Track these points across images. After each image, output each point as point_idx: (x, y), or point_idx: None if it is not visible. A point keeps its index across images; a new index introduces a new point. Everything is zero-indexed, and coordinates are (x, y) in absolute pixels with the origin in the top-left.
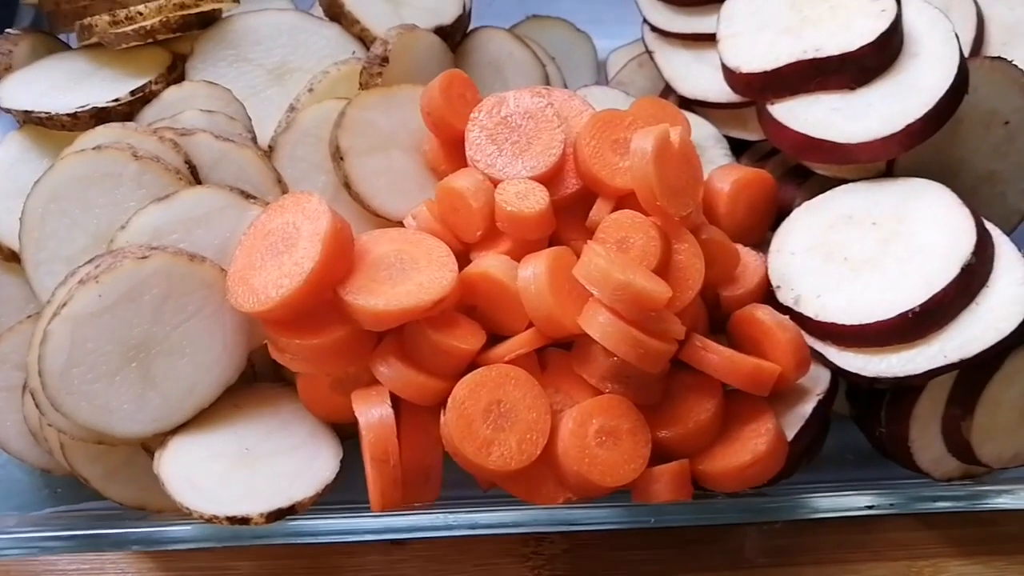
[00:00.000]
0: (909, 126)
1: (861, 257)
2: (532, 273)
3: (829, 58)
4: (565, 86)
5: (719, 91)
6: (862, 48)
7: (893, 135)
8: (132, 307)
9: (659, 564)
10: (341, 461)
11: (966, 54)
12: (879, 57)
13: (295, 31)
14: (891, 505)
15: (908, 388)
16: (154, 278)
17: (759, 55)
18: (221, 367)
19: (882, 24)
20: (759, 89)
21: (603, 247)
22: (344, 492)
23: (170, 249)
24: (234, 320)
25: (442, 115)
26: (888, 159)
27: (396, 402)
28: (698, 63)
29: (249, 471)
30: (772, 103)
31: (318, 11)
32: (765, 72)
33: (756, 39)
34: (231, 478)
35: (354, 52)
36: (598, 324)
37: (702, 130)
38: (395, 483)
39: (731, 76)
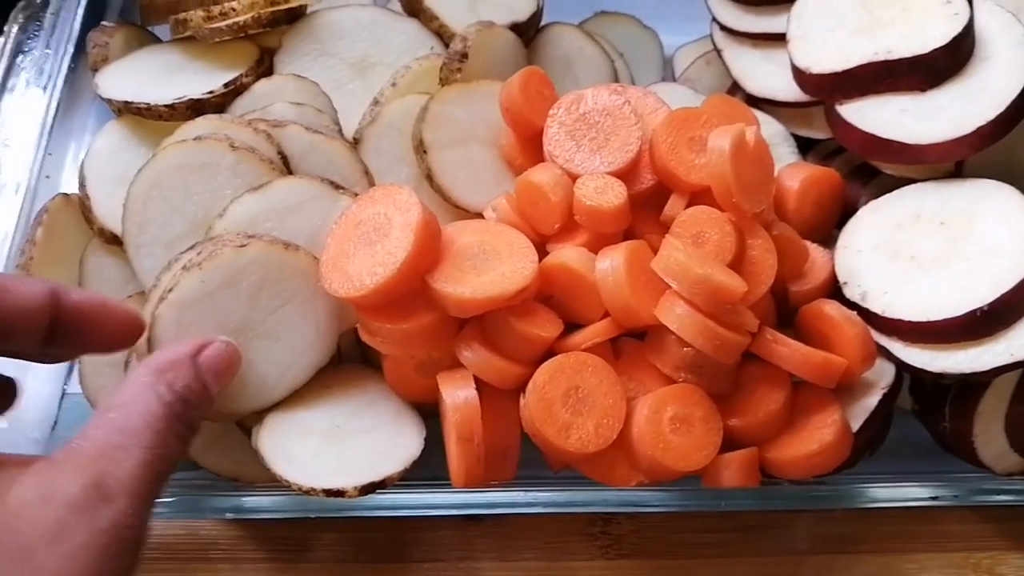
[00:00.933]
0: (979, 128)
1: (928, 256)
2: (610, 265)
3: (900, 60)
4: (633, 82)
5: (787, 90)
6: (934, 51)
7: (963, 137)
8: (231, 292)
9: (720, 547)
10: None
11: None
12: (950, 60)
13: (375, 26)
14: (954, 497)
15: (973, 385)
16: (251, 266)
17: (829, 56)
18: (314, 350)
19: (955, 28)
20: (829, 90)
21: (681, 242)
22: (420, 469)
23: (266, 238)
24: (326, 306)
25: (520, 111)
26: (957, 160)
27: (477, 385)
28: (766, 62)
29: (340, 447)
30: (841, 103)
31: (396, 6)
32: (835, 73)
33: (827, 39)
34: (324, 453)
35: (432, 47)
36: (675, 316)
37: (769, 128)
38: (478, 461)
39: (801, 76)
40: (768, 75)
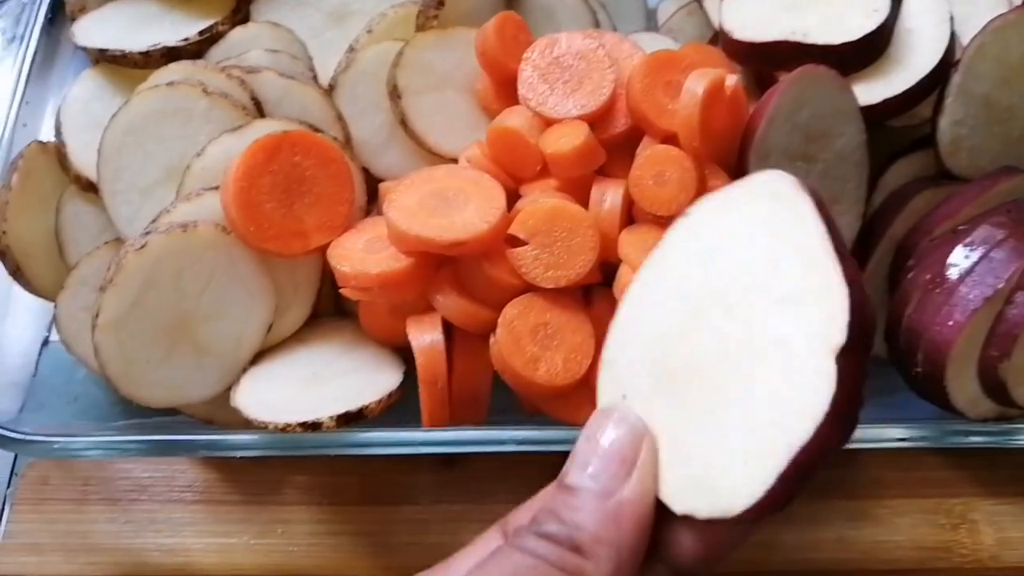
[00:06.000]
0: (887, 100)
1: None
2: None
3: (813, 46)
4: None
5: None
6: (843, 44)
7: (870, 106)
8: (155, 294)
9: None
10: (403, 389)
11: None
12: (859, 56)
13: None
14: (923, 438)
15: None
16: (160, 263)
17: (752, 23)
18: (256, 311)
19: (870, 25)
20: (744, 57)
21: (636, 263)
22: (402, 416)
23: (162, 228)
24: (248, 267)
25: (496, 55)
26: None
27: (451, 329)
28: None
29: (317, 389)
30: None
31: None
32: (753, 43)
33: (757, 6)
34: (301, 396)
35: None
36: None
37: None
38: (443, 403)
39: (724, 37)
40: None
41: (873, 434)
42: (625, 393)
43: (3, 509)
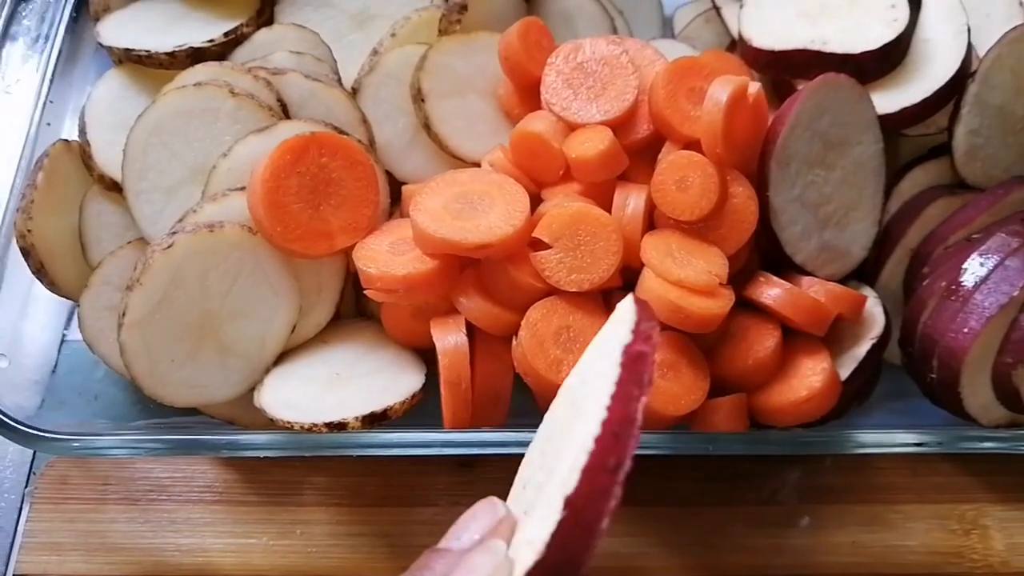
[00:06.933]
0: (904, 109)
1: None
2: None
3: (832, 55)
4: None
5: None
6: (864, 54)
7: (887, 115)
8: (181, 293)
9: (709, 495)
10: (423, 391)
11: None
12: (878, 65)
13: None
14: (939, 444)
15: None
16: (186, 262)
17: (771, 32)
18: (280, 311)
19: (889, 34)
20: (763, 65)
21: (655, 268)
22: (423, 418)
23: (188, 228)
24: (273, 265)
25: (519, 60)
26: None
27: (473, 331)
28: None
29: (341, 390)
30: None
31: None
32: (772, 51)
33: (776, 15)
34: (325, 396)
35: (433, 0)
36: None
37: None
38: (465, 404)
39: (743, 45)
40: None
41: (887, 439)
42: (524, 485)
43: (22, 508)
